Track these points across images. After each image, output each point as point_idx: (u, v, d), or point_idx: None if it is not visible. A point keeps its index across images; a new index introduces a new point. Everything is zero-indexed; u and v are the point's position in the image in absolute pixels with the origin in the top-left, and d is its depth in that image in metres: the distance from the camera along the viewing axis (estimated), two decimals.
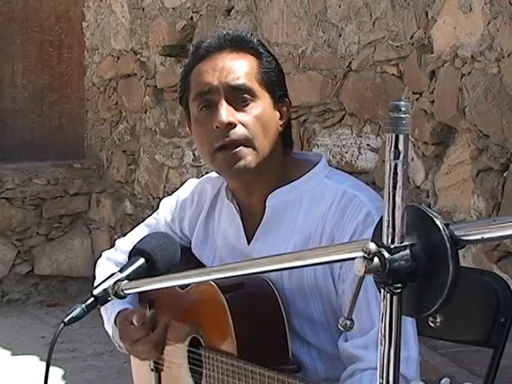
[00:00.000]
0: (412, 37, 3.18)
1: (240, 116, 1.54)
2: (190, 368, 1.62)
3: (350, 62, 3.51)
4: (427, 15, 3.11)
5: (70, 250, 5.48)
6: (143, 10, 5.03)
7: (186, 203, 1.76)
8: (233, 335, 1.49)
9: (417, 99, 3.17)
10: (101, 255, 1.90)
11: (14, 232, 5.35)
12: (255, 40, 1.62)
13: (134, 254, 1.52)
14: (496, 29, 2.79)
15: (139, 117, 5.20)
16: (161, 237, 1.57)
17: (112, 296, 1.42)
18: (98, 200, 5.51)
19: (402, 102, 0.80)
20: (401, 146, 0.81)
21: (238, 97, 1.55)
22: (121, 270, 1.47)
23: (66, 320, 1.40)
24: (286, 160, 1.61)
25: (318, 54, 3.68)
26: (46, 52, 5.67)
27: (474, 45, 2.88)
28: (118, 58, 5.33)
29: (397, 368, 0.82)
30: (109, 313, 1.75)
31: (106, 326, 1.80)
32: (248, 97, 1.54)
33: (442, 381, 0.86)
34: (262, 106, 1.55)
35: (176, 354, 1.65)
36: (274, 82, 1.58)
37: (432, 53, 3.09)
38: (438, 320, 0.82)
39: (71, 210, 5.48)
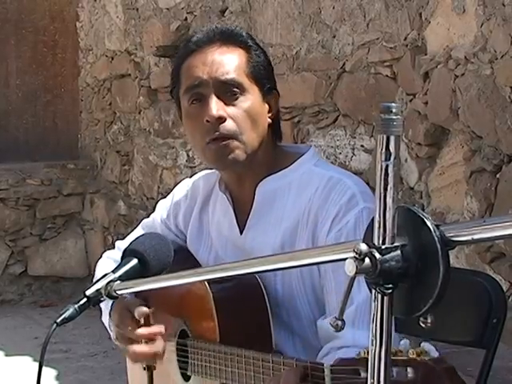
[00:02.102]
0: (406, 38, 3.19)
1: (230, 110, 1.57)
2: (177, 360, 1.65)
3: (344, 63, 3.51)
4: (421, 16, 3.11)
5: (64, 250, 5.47)
6: (137, 10, 5.03)
7: (180, 200, 1.79)
8: (216, 324, 1.51)
9: (410, 100, 3.18)
10: (101, 256, 1.91)
11: (8, 232, 5.34)
12: (244, 33, 1.64)
13: (127, 254, 1.52)
14: (489, 30, 2.80)
15: (133, 117, 5.19)
16: (154, 237, 1.57)
17: (105, 296, 1.42)
18: (91, 200, 5.50)
19: (393, 104, 0.80)
20: (392, 148, 0.81)
21: (228, 91, 1.57)
22: (114, 271, 1.47)
23: (58, 320, 1.40)
24: (275, 151, 1.64)
25: (312, 55, 3.68)
26: (40, 52, 5.66)
27: (468, 46, 2.89)
28: (112, 59, 5.33)
29: (388, 368, 0.83)
30: (106, 302, 1.75)
31: (103, 317, 1.79)
32: (237, 91, 1.57)
33: (402, 342, 0.88)
34: (250, 99, 1.58)
35: (167, 349, 1.67)
36: (263, 75, 1.61)
37: (426, 54, 3.10)
38: (429, 320, 0.82)
39: (65, 211, 5.48)
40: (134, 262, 1.50)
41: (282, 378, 1.26)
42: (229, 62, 1.58)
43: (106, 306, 1.76)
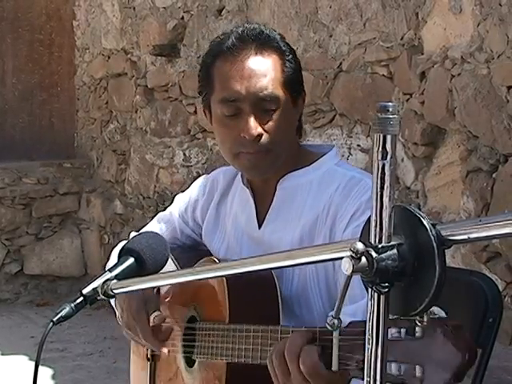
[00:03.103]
0: (402, 38, 3.19)
1: (266, 125, 1.59)
2: (183, 345, 1.65)
3: (341, 63, 3.52)
4: (417, 16, 3.12)
5: (60, 249, 5.47)
6: (134, 9, 5.03)
7: (199, 194, 1.82)
8: (227, 309, 1.53)
9: (407, 100, 3.18)
10: (117, 244, 1.92)
11: (4, 231, 5.33)
12: (277, 36, 1.63)
13: (124, 253, 1.52)
14: (486, 30, 2.81)
15: (130, 116, 5.19)
16: (150, 236, 1.57)
17: (101, 295, 1.42)
18: (87, 199, 5.50)
19: (390, 103, 0.81)
20: (388, 147, 0.81)
21: (265, 106, 1.59)
22: (110, 270, 1.47)
23: (54, 319, 1.39)
24: (299, 149, 1.67)
25: (309, 55, 3.69)
26: (37, 51, 5.66)
27: (464, 46, 2.89)
28: (109, 58, 5.33)
29: (384, 366, 0.83)
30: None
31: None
32: (274, 105, 1.59)
33: (435, 310, 0.87)
34: (285, 111, 1.60)
35: (176, 336, 1.68)
36: (295, 81, 1.62)
37: (422, 54, 3.10)
38: (425, 320, 0.82)
39: (61, 210, 5.47)
40: (131, 260, 1.50)
41: (289, 340, 1.26)
42: (266, 74, 1.58)
43: None
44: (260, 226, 1.66)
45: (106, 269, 1.46)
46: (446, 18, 2.99)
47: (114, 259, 1.80)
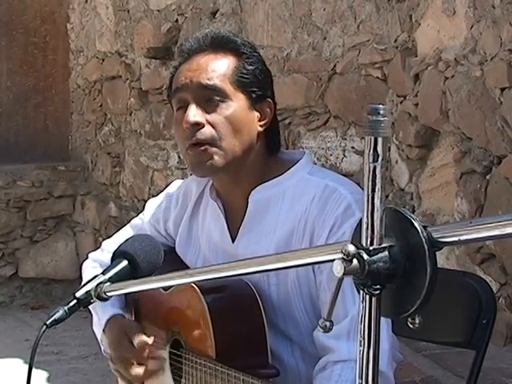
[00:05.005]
0: (396, 40, 3.20)
1: (209, 116, 1.56)
2: (171, 370, 1.63)
3: (335, 65, 3.52)
4: (411, 18, 3.12)
5: (55, 252, 5.46)
6: (128, 12, 5.03)
7: (171, 203, 1.77)
8: (212, 339, 1.49)
9: (401, 102, 3.19)
10: (87, 257, 1.90)
11: None
12: (238, 40, 1.62)
13: (117, 256, 1.52)
14: (479, 32, 2.81)
15: (124, 119, 5.19)
16: (144, 239, 1.57)
17: (94, 298, 1.42)
18: (82, 202, 5.50)
19: (381, 106, 0.81)
20: (379, 149, 0.81)
21: (208, 97, 1.56)
22: (103, 273, 1.46)
23: (48, 322, 1.39)
24: (269, 159, 1.62)
25: (303, 57, 3.69)
26: (31, 54, 5.65)
27: (458, 48, 2.90)
28: (103, 60, 5.32)
29: (376, 368, 0.83)
30: (99, 315, 1.74)
31: (94, 327, 1.78)
32: (218, 97, 1.56)
33: None
34: (233, 106, 1.56)
35: (159, 356, 1.66)
36: (252, 84, 1.58)
37: (416, 56, 3.11)
38: (417, 321, 0.82)
39: (56, 213, 5.46)
40: (124, 263, 1.49)
41: None
42: (214, 69, 1.58)
43: (97, 316, 1.75)
44: (233, 240, 1.62)
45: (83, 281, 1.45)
46: (439, 20, 2.99)
47: (87, 274, 1.78)
